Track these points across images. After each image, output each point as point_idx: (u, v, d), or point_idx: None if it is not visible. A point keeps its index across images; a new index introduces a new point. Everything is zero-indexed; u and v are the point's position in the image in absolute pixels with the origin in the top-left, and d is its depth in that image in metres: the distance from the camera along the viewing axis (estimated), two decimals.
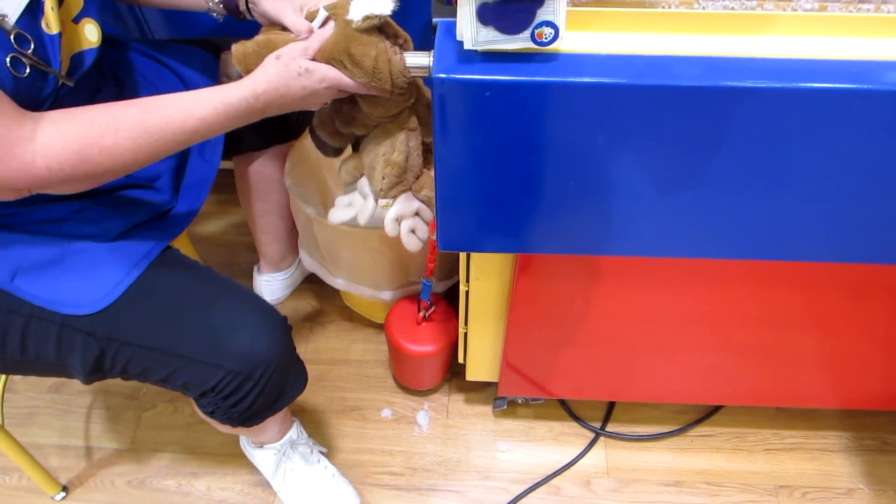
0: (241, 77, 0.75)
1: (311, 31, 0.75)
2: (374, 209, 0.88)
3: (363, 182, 0.87)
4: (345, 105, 0.82)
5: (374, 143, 0.83)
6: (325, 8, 0.77)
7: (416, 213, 0.89)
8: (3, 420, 1.14)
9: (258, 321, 0.88)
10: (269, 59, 0.74)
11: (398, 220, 0.88)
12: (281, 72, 0.73)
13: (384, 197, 0.86)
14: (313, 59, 0.73)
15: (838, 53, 0.64)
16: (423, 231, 0.91)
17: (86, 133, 0.68)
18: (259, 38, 0.77)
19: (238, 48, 0.77)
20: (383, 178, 0.84)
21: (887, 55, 0.63)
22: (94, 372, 0.85)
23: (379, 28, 0.73)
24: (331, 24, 0.74)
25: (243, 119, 0.75)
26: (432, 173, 0.83)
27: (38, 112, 0.68)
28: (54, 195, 0.81)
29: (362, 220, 0.89)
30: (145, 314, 0.84)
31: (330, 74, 0.74)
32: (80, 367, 0.84)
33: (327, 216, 0.94)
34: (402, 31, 0.75)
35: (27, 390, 1.38)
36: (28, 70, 0.68)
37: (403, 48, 0.75)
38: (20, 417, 1.34)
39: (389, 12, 0.71)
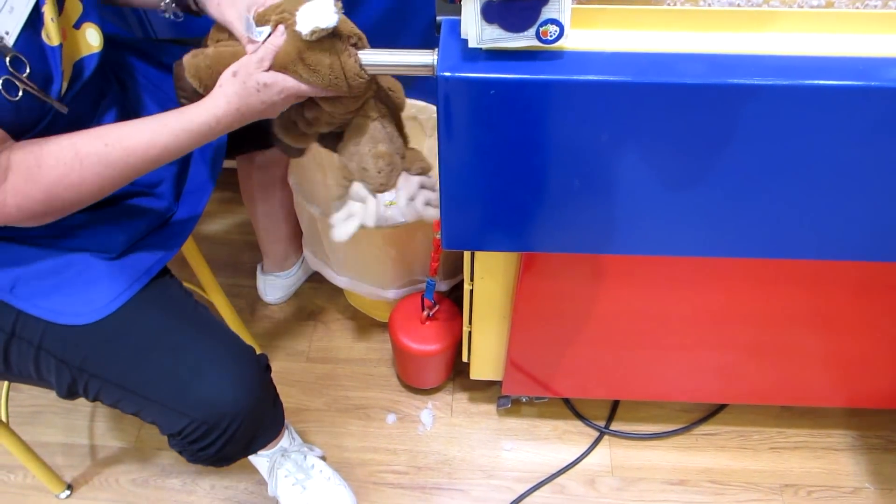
0: (195, 91, 0.76)
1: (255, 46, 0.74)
2: (379, 207, 0.87)
3: (356, 188, 0.86)
4: (305, 108, 0.81)
5: (353, 146, 0.83)
6: (270, 9, 0.75)
7: (422, 187, 0.88)
8: (7, 418, 1.14)
9: (229, 368, 0.86)
10: (226, 77, 0.73)
11: (412, 200, 0.88)
12: (239, 90, 0.72)
13: (386, 189, 0.86)
14: (269, 69, 0.73)
15: (845, 50, 0.63)
16: (435, 197, 0.90)
17: (51, 171, 0.68)
18: (209, 51, 0.77)
19: (190, 61, 0.77)
20: (379, 173, 0.83)
21: (894, 52, 0.63)
22: (71, 394, 0.86)
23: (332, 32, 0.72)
24: (280, 29, 0.73)
25: (205, 140, 0.75)
26: (414, 145, 0.83)
27: (8, 148, 0.68)
28: None
29: (371, 222, 0.88)
30: (117, 350, 0.83)
31: (287, 85, 0.73)
32: (57, 389, 0.85)
33: (330, 229, 0.93)
34: (355, 30, 0.74)
35: (31, 389, 1.38)
36: (21, 94, 0.67)
37: (357, 46, 0.74)
38: (25, 416, 1.35)
39: (335, 23, 0.70)
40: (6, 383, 1.19)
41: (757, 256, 0.81)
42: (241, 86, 0.72)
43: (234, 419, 0.86)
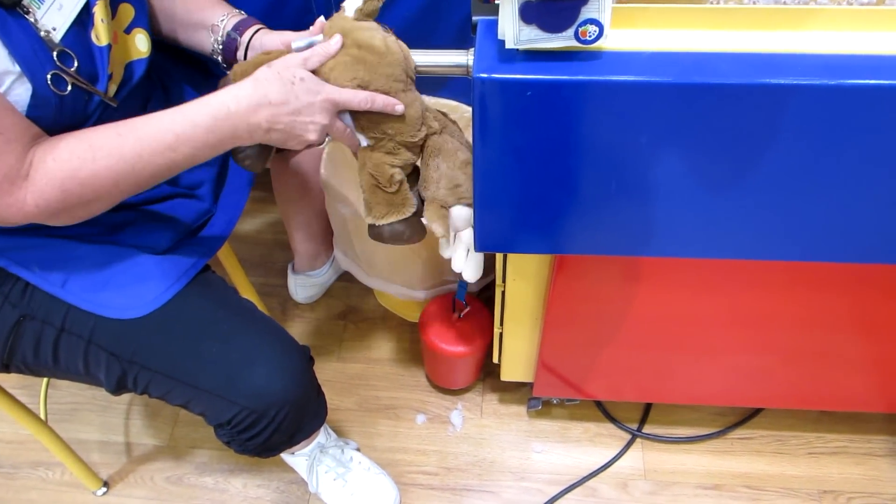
0: None
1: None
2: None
3: (455, 212, 0.80)
4: (381, 162, 0.76)
5: (434, 171, 0.78)
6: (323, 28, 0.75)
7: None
8: (46, 416, 1.17)
9: (277, 358, 0.87)
10: (261, 68, 0.71)
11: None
12: (271, 77, 0.69)
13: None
14: (315, 72, 0.71)
15: (894, 48, 0.61)
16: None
17: (63, 166, 0.66)
18: (259, 56, 0.76)
19: (237, 69, 0.76)
20: (466, 178, 0.79)
21: None
22: (120, 388, 0.87)
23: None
24: (337, 38, 0.72)
25: (230, 135, 0.70)
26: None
27: (35, 144, 0.67)
28: None
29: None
30: (166, 341, 0.84)
31: (328, 88, 0.70)
32: (106, 383, 0.86)
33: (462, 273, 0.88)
34: (391, 29, 0.74)
35: (69, 386, 1.40)
36: (69, 88, 0.67)
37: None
38: (63, 413, 1.37)
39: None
40: (45, 382, 1.21)
41: (796, 259, 0.79)
42: (274, 74, 0.69)
43: (281, 408, 0.87)
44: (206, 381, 0.84)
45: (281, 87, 0.69)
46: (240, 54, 0.84)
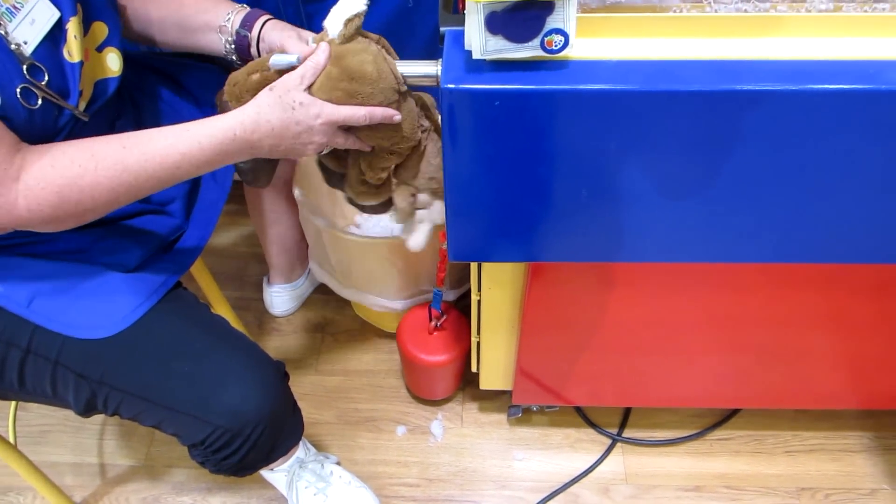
0: None
1: (306, 53, 0.73)
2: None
3: (421, 197, 0.86)
4: (368, 159, 0.80)
5: (420, 165, 0.83)
6: (313, 40, 0.76)
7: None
8: (15, 440, 1.14)
9: (251, 375, 0.86)
10: (263, 91, 0.72)
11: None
12: (273, 103, 0.71)
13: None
14: (310, 90, 0.71)
15: (854, 54, 0.62)
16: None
17: (64, 173, 0.66)
18: (255, 77, 0.75)
19: (230, 89, 0.76)
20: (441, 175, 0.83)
21: None
22: (89, 410, 0.85)
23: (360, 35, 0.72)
24: (323, 46, 0.72)
25: (233, 155, 0.72)
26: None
27: (24, 149, 0.67)
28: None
29: (443, 219, 0.88)
30: (136, 362, 0.83)
31: (326, 110, 0.72)
32: (74, 405, 0.84)
33: (405, 241, 0.94)
34: (377, 36, 0.74)
35: (40, 408, 1.37)
36: (40, 101, 0.67)
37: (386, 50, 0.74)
38: (33, 436, 1.34)
39: (365, 7, 0.69)
40: (14, 404, 1.18)
41: (768, 262, 0.80)
42: (276, 99, 0.71)
43: (257, 426, 0.86)
44: (179, 400, 0.83)
45: (282, 114, 0.71)
46: (253, 51, 0.84)
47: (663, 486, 1.25)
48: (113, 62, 0.78)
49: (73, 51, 0.70)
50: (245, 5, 0.86)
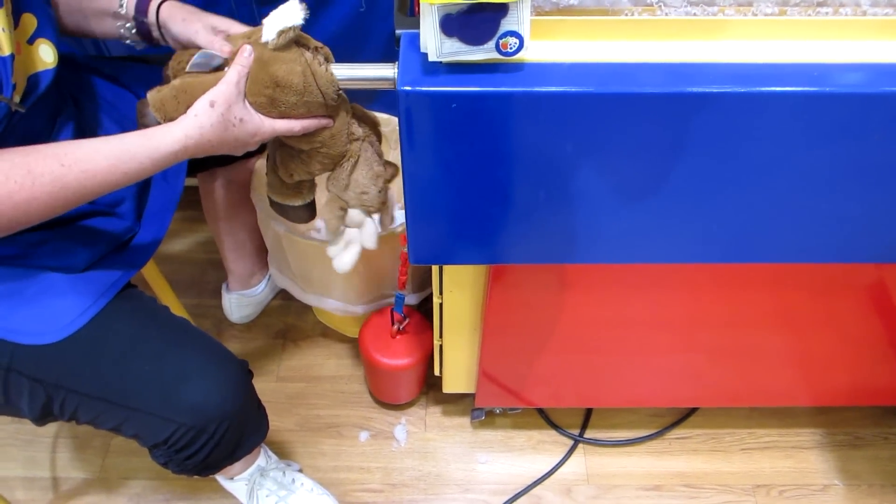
0: (159, 123, 0.72)
1: (230, 52, 0.73)
2: (377, 227, 0.86)
3: (352, 214, 0.84)
4: (293, 157, 0.80)
5: (348, 174, 0.81)
6: (240, 37, 0.74)
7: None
8: None
9: (214, 371, 0.85)
10: (202, 106, 0.70)
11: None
12: (216, 122, 0.70)
13: (384, 207, 0.86)
14: (244, 95, 0.72)
15: (799, 57, 0.64)
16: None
17: None
18: (175, 82, 0.74)
19: (154, 96, 0.74)
20: (380, 192, 0.83)
21: (846, 58, 0.64)
22: (45, 416, 0.83)
23: (296, 42, 0.71)
24: (248, 48, 0.72)
25: (170, 165, 0.72)
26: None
27: None
28: None
29: (372, 244, 0.87)
30: (94, 362, 0.81)
31: (265, 125, 0.72)
32: (29, 412, 0.82)
33: (332, 261, 0.92)
34: (319, 43, 0.74)
35: None
36: None
37: (325, 60, 0.73)
38: None
39: (301, 21, 0.69)
40: None
41: (720, 262, 0.82)
42: (218, 118, 0.70)
43: (221, 422, 0.85)
44: (140, 400, 0.81)
45: (223, 133, 0.71)
46: (156, 35, 0.82)
47: (624, 485, 1.26)
48: (46, 54, 0.76)
49: (2, 44, 0.67)
50: None
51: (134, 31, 0.83)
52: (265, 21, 0.70)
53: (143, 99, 0.75)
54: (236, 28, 0.78)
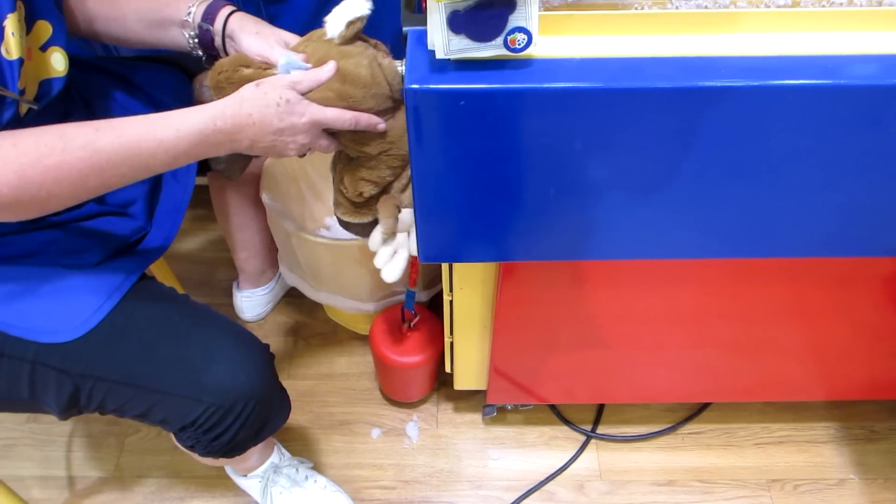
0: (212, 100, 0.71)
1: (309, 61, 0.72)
2: None
3: (405, 215, 0.84)
4: (357, 173, 0.79)
5: (407, 175, 0.80)
6: (300, 43, 0.74)
7: None
8: None
9: (238, 352, 0.85)
10: (248, 86, 0.70)
11: None
12: (257, 98, 0.69)
13: None
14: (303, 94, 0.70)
15: (812, 49, 0.63)
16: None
17: (28, 152, 0.62)
18: (245, 71, 0.73)
19: (214, 76, 0.74)
20: None
21: (861, 49, 0.63)
22: (70, 408, 0.83)
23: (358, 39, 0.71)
24: (331, 65, 0.71)
25: (212, 147, 0.70)
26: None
27: None
28: (22, 229, 0.78)
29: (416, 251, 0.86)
30: (120, 349, 0.81)
31: (312, 109, 0.70)
32: (55, 405, 0.82)
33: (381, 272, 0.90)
34: (375, 40, 0.74)
35: (4, 421, 1.34)
36: None
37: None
38: None
39: (368, 11, 0.69)
40: None
41: (734, 256, 0.81)
42: (261, 94, 0.69)
43: (248, 401, 0.85)
44: (168, 383, 0.82)
45: (265, 108, 0.69)
46: (217, 43, 0.82)
47: (637, 481, 1.26)
48: (58, 62, 0.76)
49: (11, 48, 0.67)
50: None
51: (197, 41, 0.83)
52: (328, 18, 0.71)
53: (204, 72, 0.75)
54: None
